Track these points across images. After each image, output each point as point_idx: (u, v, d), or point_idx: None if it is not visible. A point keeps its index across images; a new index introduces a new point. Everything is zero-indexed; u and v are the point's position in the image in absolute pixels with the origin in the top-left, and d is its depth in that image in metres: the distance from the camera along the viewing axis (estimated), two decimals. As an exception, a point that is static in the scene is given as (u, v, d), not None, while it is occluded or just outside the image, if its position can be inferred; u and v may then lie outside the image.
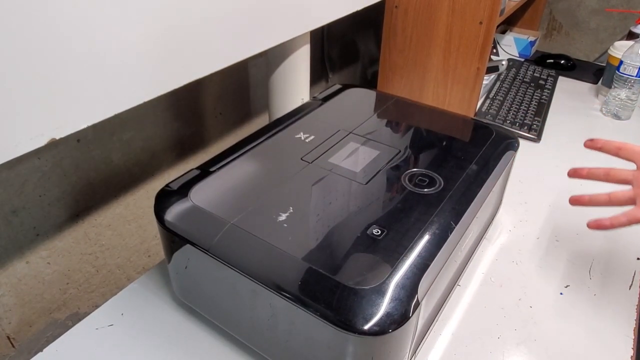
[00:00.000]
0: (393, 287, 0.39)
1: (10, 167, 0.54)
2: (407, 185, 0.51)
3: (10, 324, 0.59)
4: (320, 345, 0.40)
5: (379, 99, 0.71)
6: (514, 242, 0.67)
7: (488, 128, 0.64)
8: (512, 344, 0.53)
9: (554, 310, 0.57)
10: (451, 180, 0.52)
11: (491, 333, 0.54)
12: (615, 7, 1.41)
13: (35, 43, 0.36)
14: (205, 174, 0.52)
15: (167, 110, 0.72)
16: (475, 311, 0.56)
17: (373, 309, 0.37)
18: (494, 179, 0.55)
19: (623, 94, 1.01)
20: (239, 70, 0.84)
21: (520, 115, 1.01)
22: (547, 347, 0.52)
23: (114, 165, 0.66)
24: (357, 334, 0.36)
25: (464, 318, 0.55)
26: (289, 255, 0.42)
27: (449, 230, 0.46)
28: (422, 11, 0.93)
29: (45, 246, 0.61)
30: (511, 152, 0.60)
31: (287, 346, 0.44)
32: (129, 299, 0.56)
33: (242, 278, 0.42)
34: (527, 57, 1.37)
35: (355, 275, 0.39)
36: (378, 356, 0.39)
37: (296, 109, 0.67)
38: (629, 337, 0.54)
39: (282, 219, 0.46)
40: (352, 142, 0.58)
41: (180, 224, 0.46)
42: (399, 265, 0.41)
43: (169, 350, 0.50)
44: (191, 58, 0.50)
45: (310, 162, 0.54)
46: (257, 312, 0.44)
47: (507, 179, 0.64)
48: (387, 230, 0.44)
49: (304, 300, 0.38)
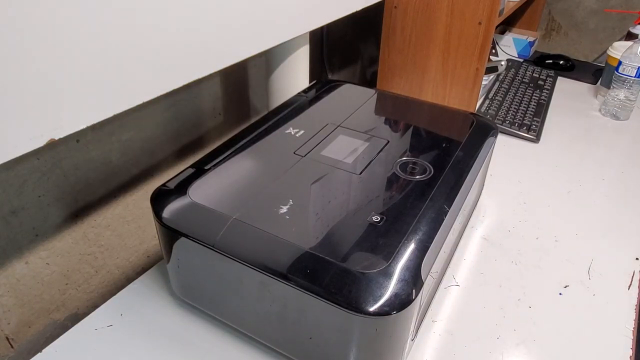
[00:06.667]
0: (398, 269, 0.41)
1: (9, 167, 0.54)
2: (400, 173, 0.53)
3: (9, 324, 0.59)
4: (330, 330, 0.41)
5: (362, 93, 0.73)
6: (513, 242, 0.67)
7: (469, 117, 0.66)
8: (512, 344, 0.53)
9: (553, 310, 0.57)
10: (440, 167, 0.55)
11: (490, 333, 0.54)
12: (614, 8, 1.41)
13: (35, 43, 0.36)
14: (201, 171, 0.52)
15: (166, 111, 0.72)
16: (475, 311, 0.56)
17: (382, 291, 0.39)
18: (479, 165, 0.58)
19: (622, 95, 1.01)
20: (238, 70, 0.84)
21: (519, 116, 1.01)
22: (547, 348, 0.52)
23: (113, 165, 0.66)
24: (369, 315, 0.38)
25: (463, 318, 0.55)
26: (295, 246, 0.43)
27: (443, 213, 0.48)
28: (421, 11, 0.93)
29: (45, 247, 0.61)
30: (492, 138, 0.64)
31: (296, 334, 0.45)
32: (128, 300, 0.56)
33: (250, 271, 0.43)
34: (526, 58, 1.37)
35: (361, 261, 0.41)
36: (387, 336, 0.41)
37: (282, 105, 0.68)
38: (628, 337, 0.54)
39: (284, 212, 0.46)
40: (341, 135, 0.60)
41: (181, 221, 0.46)
42: (402, 249, 0.43)
43: (169, 350, 0.50)
44: (191, 58, 0.50)
45: (303, 156, 0.56)
46: (264, 303, 0.44)
47: (488, 164, 0.69)
48: (386, 217, 0.46)
49: (314, 288, 0.40)
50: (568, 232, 0.70)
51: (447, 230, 0.48)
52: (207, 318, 0.54)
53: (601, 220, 0.73)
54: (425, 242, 0.44)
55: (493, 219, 0.72)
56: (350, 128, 0.62)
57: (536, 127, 0.97)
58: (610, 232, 0.70)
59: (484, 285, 0.60)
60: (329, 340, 0.42)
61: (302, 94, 0.72)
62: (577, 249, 0.67)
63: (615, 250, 0.67)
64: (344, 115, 0.65)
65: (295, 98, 0.70)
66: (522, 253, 0.65)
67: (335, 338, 0.42)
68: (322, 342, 0.43)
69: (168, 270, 0.52)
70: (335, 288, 0.39)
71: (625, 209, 0.75)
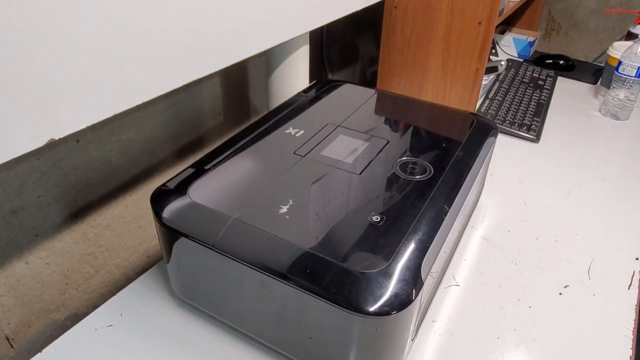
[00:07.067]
0: (398, 269, 0.41)
1: (9, 167, 0.54)
2: (400, 173, 0.53)
3: (9, 324, 0.59)
4: (330, 330, 0.41)
5: (362, 93, 0.73)
6: (513, 242, 0.67)
7: (469, 117, 0.66)
8: (512, 344, 0.53)
9: (553, 310, 0.57)
10: (440, 167, 0.55)
11: (490, 333, 0.54)
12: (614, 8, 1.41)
13: (35, 43, 0.36)
14: (201, 171, 0.52)
15: (166, 111, 0.72)
16: (475, 311, 0.56)
17: (382, 291, 0.39)
18: (479, 165, 0.58)
19: (622, 94, 1.01)
20: (238, 70, 0.84)
21: (519, 116, 1.01)
22: (547, 348, 0.52)
23: (113, 165, 0.66)
24: (369, 315, 0.38)
25: (463, 318, 0.55)
26: (295, 246, 0.43)
27: (443, 213, 0.48)
28: (421, 11, 0.93)
29: (45, 247, 0.61)
30: (492, 138, 0.63)
31: (296, 334, 0.45)
32: (128, 300, 0.56)
33: (249, 271, 0.43)
34: (526, 58, 1.37)
35: (361, 261, 0.41)
36: (387, 336, 0.41)
37: (282, 105, 0.68)
38: (628, 337, 0.54)
39: (284, 212, 0.46)
40: (341, 135, 0.60)
41: (181, 221, 0.46)
42: (402, 249, 0.43)
43: (169, 350, 0.50)
44: (191, 58, 0.50)
45: (303, 156, 0.56)
46: (264, 303, 0.44)
47: (488, 164, 0.68)
48: (386, 217, 0.46)
49: (314, 288, 0.40)
50: (568, 232, 0.70)
51: (447, 230, 0.48)
52: (207, 318, 0.54)
53: (601, 220, 0.73)
54: (425, 242, 0.44)
55: (493, 219, 0.72)
56: (350, 128, 0.62)
57: (536, 127, 0.97)
58: (610, 232, 0.70)
59: (484, 285, 0.60)
60: (329, 340, 0.42)
61: (302, 94, 0.72)
62: (577, 249, 0.67)
63: (615, 250, 0.67)
64: (344, 115, 0.65)
65: (295, 98, 0.70)
66: (522, 253, 0.65)
67: (335, 338, 0.42)
68: (322, 342, 0.43)
69: (168, 270, 0.52)
70: (335, 288, 0.39)
71: (625, 209, 0.75)
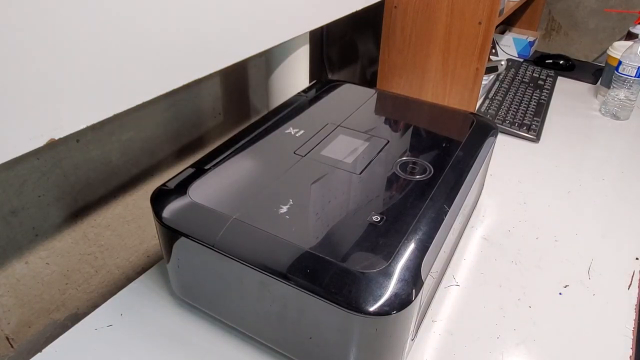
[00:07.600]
0: (398, 269, 0.41)
1: (9, 167, 0.54)
2: (400, 173, 0.53)
3: (9, 324, 0.59)
4: (330, 330, 0.41)
5: (362, 93, 0.73)
6: (513, 242, 0.67)
7: (469, 117, 0.66)
8: (512, 344, 0.53)
9: (553, 310, 0.57)
10: (440, 167, 0.55)
11: (490, 333, 0.54)
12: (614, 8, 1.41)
13: (35, 43, 0.36)
14: (201, 171, 0.52)
15: (166, 111, 0.72)
16: (475, 311, 0.56)
17: (382, 291, 0.39)
18: (479, 165, 0.58)
19: (622, 94, 1.01)
20: (238, 70, 0.84)
21: (519, 116, 1.01)
22: (547, 348, 0.52)
23: (113, 165, 0.66)
24: (369, 315, 0.38)
25: (463, 318, 0.55)
26: (295, 246, 0.43)
27: (443, 213, 0.48)
28: (421, 11, 0.93)
29: (45, 246, 0.61)
30: (492, 138, 0.63)
31: (296, 334, 0.45)
32: (128, 300, 0.56)
33: (249, 270, 0.43)
34: (526, 58, 1.37)
35: (361, 260, 0.41)
36: (387, 336, 0.41)
37: (282, 105, 0.68)
38: (628, 337, 0.54)
39: (283, 211, 0.46)
40: (341, 135, 0.60)
41: (181, 221, 0.46)
42: (402, 249, 0.43)
43: (169, 350, 0.50)
44: (191, 58, 0.50)
45: (304, 156, 0.56)
46: (264, 303, 0.44)
47: (488, 164, 0.68)
48: (386, 217, 0.46)
49: (314, 288, 0.40)
50: (568, 232, 0.70)
51: (447, 230, 0.48)
52: (207, 318, 0.54)
53: (601, 220, 0.73)
54: (425, 242, 0.44)
55: (493, 219, 0.72)
56: (350, 128, 0.62)
57: (536, 127, 0.97)
58: (610, 232, 0.70)
59: (484, 285, 0.60)
60: (329, 340, 0.42)
61: (302, 93, 0.72)
62: (577, 249, 0.67)
63: (615, 250, 0.67)
64: (344, 115, 0.65)
65: (295, 98, 0.70)
66: (522, 253, 0.65)
67: (335, 338, 0.42)
68: (322, 342, 0.43)
69: (168, 270, 0.52)
70: (335, 288, 0.39)
71: (625, 209, 0.75)
